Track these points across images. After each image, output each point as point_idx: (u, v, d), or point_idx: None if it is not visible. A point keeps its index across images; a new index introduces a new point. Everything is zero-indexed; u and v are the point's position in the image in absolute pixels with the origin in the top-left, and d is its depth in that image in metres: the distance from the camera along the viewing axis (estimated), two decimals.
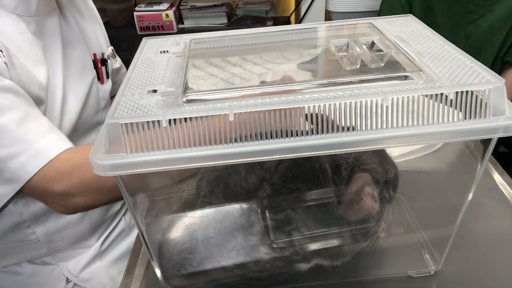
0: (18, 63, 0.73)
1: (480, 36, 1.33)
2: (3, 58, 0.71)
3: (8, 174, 0.68)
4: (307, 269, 0.61)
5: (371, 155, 0.56)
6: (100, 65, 0.94)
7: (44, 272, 0.90)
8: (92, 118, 0.91)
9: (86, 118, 0.89)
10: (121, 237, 0.99)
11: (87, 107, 0.88)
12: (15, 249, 0.87)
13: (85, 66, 0.89)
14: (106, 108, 0.96)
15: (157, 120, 0.43)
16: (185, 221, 0.62)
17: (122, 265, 0.96)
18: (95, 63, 0.92)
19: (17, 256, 0.88)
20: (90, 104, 0.90)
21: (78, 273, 0.91)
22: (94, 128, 0.93)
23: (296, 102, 0.44)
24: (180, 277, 0.60)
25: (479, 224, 0.69)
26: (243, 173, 0.57)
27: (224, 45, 0.66)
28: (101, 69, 0.94)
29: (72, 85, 0.85)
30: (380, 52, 0.55)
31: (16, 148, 0.68)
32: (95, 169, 0.43)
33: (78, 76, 0.87)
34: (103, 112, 0.95)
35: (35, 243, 0.87)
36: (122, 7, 1.86)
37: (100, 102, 0.94)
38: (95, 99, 0.91)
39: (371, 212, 0.56)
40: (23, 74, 0.74)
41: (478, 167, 0.51)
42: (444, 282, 0.61)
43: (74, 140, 0.85)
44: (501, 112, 0.44)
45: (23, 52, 0.75)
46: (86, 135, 0.91)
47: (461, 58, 0.50)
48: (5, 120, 0.68)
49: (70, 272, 0.91)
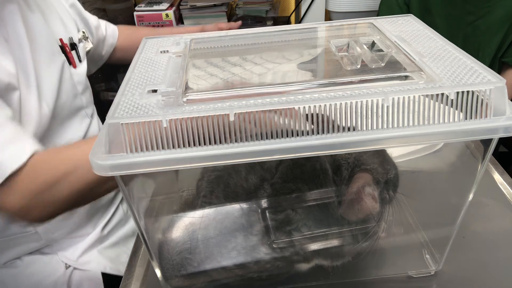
0: None
1: (478, 37, 1.33)
2: None
3: None
4: (308, 269, 0.61)
5: (372, 155, 0.56)
6: (69, 49, 0.93)
7: (42, 260, 0.91)
8: (71, 103, 0.90)
9: (65, 104, 0.88)
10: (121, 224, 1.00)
11: (62, 91, 0.87)
12: (14, 242, 0.87)
13: (53, 51, 0.88)
14: (85, 92, 0.95)
15: (157, 120, 0.43)
16: (185, 221, 0.62)
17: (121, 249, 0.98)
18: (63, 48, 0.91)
19: (16, 250, 0.89)
20: (66, 89, 0.89)
21: (77, 258, 0.92)
22: (76, 113, 0.92)
23: (297, 102, 0.44)
24: (180, 277, 0.60)
25: (479, 224, 0.69)
26: (244, 173, 0.57)
27: (224, 45, 0.66)
28: (70, 53, 0.93)
29: (44, 70, 0.84)
30: (381, 52, 0.55)
31: None
32: (95, 169, 0.43)
33: (48, 61, 0.86)
34: (82, 96, 0.94)
35: (33, 235, 0.88)
36: (122, 7, 1.85)
37: (77, 86, 0.93)
38: (70, 84, 0.90)
39: (372, 212, 0.55)
40: None
41: (479, 167, 0.51)
42: (444, 282, 0.61)
43: (56, 126, 0.85)
44: (501, 112, 0.44)
45: None
46: (67, 120, 0.90)
47: (461, 58, 0.50)
48: None
49: (68, 258, 0.92)
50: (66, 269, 0.91)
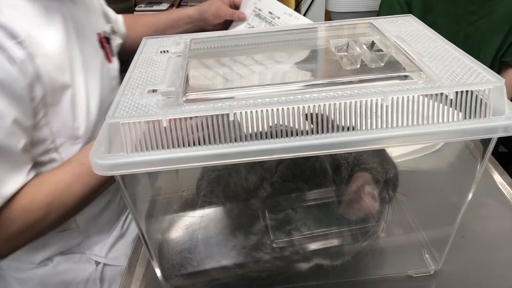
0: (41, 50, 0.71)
1: (480, 37, 1.33)
2: (26, 49, 0.68)
3: None
4: (307, 268, 0.61)
5: (371, 155, 0.56)
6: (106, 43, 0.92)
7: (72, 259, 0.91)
8: (109, 98, 0.90)
9: (106, 99, 0.88)
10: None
11: (103, 86, 0.88)
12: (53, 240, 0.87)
13: (96, 45, 0.88)
14: (117, 87, 0.95)
15: (157, 119, 0.43)
16: (185, 221, 0.62)
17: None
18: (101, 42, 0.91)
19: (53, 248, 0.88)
20: (105, 83, 0.89)
21: (106, 254, 0.92)
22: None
23: (296, 102, 0.44)
24: (180, 277, 0.60)
25: (479, 224, 0.69)
26: (244, 172, 0.57)
27: (224, 45, 0.66)
28: (107, 47, 0.92)
29: (89, 64, 0.83)
30: (380, 52, 0.55)
31: None
32: (95, 169, 0.43)
33: (92, 55, 0.86)
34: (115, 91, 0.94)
35: (73, 231, 0.88)
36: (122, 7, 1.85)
37: (112, 81, 0.93)
38: (108, 79, 0.91)
39: (371, 211, 0.56)
40: (48, 63, 0.72)
41: (478, 167, 0.51)
42: (444, 282, 0.61)
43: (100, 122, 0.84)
44: (501, 112, 0.44)
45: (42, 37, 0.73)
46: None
47: (461, 58, 0.50)
48: None
49: (97, 255, 0.92)
50: (96, 266, 0.92)
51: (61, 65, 0.75)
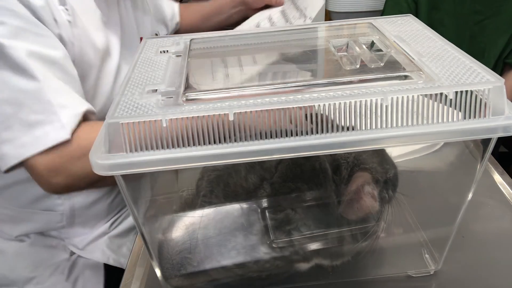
0: (80, 24, 0.78)
1: (485, 37, 1.32)
2: (68, 17, 0.76)
3: (26, 139, 0.69)
4: (307, 268, 0.61)
5: (371, 155, 0.56)
6: None
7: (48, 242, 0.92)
8: None
9: None
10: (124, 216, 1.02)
11: None
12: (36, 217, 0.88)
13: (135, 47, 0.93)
14: None
15: (157, 119, 0.43)
16: (185, 221, 0.62)
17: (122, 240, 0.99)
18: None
19: (33, 224, 0.89)
20: None
21: (84, 247, 0.93)
22: None
23: (296, 102, 0.44)
24: (180, 277, 0.60)
25: (479, 224, 0.69)
26: (243, 172, 0.57)
27: (224, 45, 0.66)
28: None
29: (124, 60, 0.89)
30: (380, 52, 0.55)
31: (45, 116, 0.69)
32: (95, 169, 0.43)
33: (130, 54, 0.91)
34: None
35: (58, 214, 0.89)
36: None
37: None
38: None
39: (371, 211, 0.56)
40: (83, 35, 0.79)
41: (478, 167, 0.51)
42: (443, 282, 0.61)
43: None
44: (500, 112, 0.44)
45: (86, 16, 0.80)
46: None
47: (460, 58, 0.50)
48: (42, 86, 0.69)
49: (75, 246, 0.93)
50: (70, 256, 0.93)
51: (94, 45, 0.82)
